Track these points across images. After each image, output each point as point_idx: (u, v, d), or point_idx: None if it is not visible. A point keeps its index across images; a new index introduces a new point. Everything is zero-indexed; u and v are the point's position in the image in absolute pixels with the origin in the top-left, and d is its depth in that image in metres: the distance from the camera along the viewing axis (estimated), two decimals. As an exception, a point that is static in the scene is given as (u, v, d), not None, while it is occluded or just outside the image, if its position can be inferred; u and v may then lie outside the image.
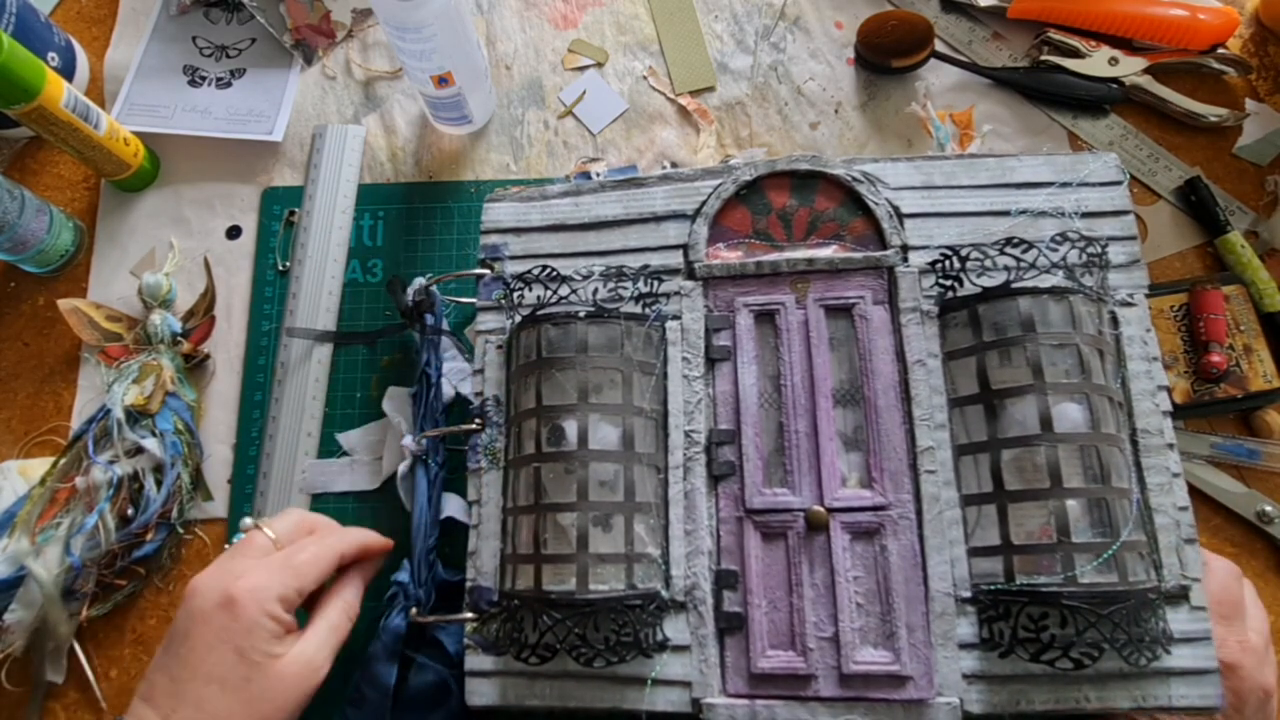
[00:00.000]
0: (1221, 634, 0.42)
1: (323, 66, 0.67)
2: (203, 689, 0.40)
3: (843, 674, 0.42)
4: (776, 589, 0.44)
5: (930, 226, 0.49)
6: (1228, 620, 0.43)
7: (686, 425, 0.47)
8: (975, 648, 0.42)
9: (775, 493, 0.45)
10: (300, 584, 0.44)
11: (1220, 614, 0.43)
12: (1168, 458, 0.44)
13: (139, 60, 0.67)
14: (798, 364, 0.47)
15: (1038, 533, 0.41)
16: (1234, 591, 0.44)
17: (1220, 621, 0.42)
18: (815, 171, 0.50)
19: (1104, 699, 0.40)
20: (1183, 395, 0.54)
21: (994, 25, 0.66)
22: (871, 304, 0.47)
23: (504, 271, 0.52)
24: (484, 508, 0.47)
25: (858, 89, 0.65)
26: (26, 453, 0.59)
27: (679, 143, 0.64)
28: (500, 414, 0.49)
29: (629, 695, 0.43)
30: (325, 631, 0.44)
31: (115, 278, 0.62)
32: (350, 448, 0.57)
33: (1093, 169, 0.49)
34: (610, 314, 0.46)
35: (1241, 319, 0.55)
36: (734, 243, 0.50)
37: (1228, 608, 0.43)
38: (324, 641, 0.43)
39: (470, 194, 0.63)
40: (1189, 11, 0.61)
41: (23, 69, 0.52)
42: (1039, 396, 0.41)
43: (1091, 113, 0.63)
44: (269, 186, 0.64)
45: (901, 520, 0.44)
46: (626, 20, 0.67)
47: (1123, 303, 0.46)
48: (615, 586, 0.43)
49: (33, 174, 0.66)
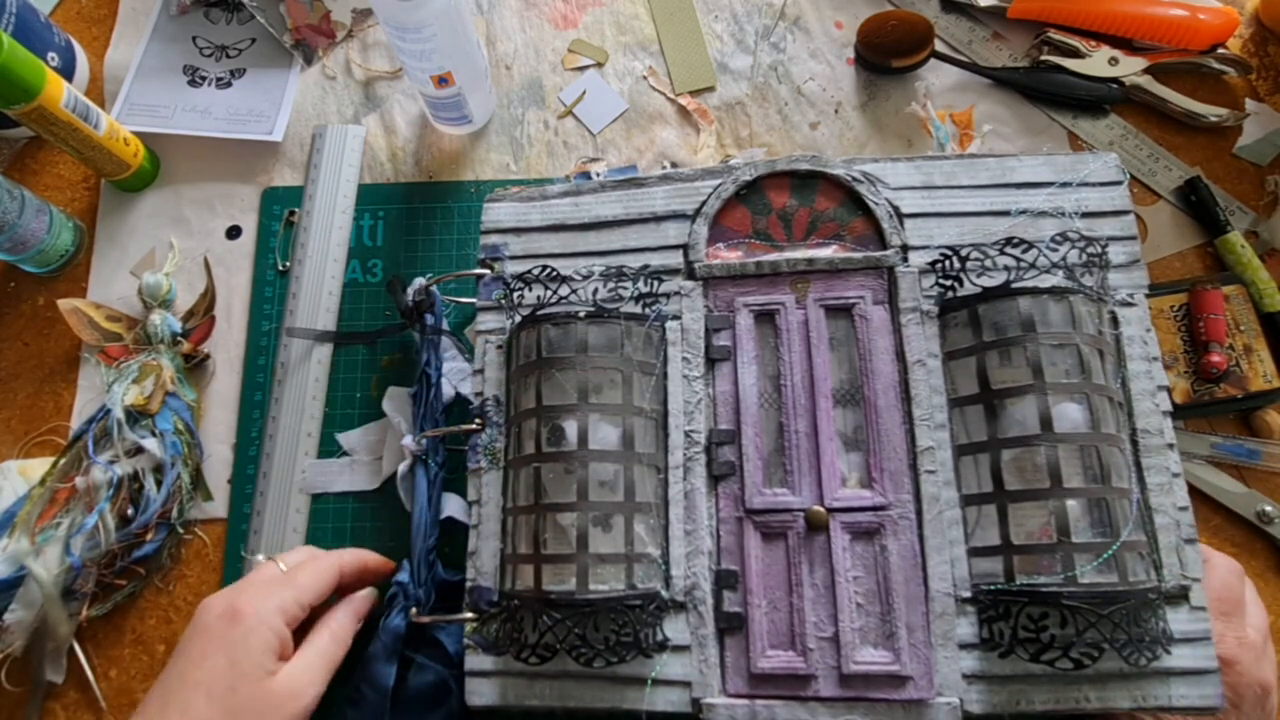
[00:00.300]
0: (1220, 630, 0.42)
1: (323, 66, 0.67)
2: (190, 694, 0.40)
3: (843, 674, 0.42)
4: (776, 589, 0.44)
5: (930, 226, 0.49)
6: (1227, 617, 0.43)
7: (686, 425, 0.47)
8: (975, 648, 0.42)
9: (775, 493, 0.45)
10: (299, 596, 0.44)
11: (1220, 610, 0.43)
12: (1168, 458, 0.44)
13: (139, 60, 0.67)
14: (798, 364, 0.47)
15: (1038, 533, 0.41)
16: (1235, 589, 0.44)
17: (1220, 618, 0.42)
18: (815, 171, 0.50)
19: (1104, 699, 0.40)
20: (1183, 395, 0.54)
21: (994, 25, 0.66)
22: (871, 304, 0.47)
23: (504, 271, 0.52)
24: (484, 508, 0.47)
25: (858, 89, 0.65)
26: (26, 453, 0.59)
27: (679, 143, 0.64)
28: (500, 414, 0.49)
29: (629, 695, 0.43)
30: (312, 655, 0.44)
31: (115, 278, 0.62)
32: (350, 448, 0.57)
33: (1093, 169, 0.49)
34: (610, 314, 0.46)
35: (1241, 319, 0.55)
36: (734, 243, 0.50)
37: (1228, 604, 0.43)
38: (309, 664, 0.44)
39: (470, 194, 0.63)
40: (1189, 11, 0.61)
41: (23, 69, 0.52)
42: (1039, 396, 0.41)
43: (1091, 113, 0.63)
44: (269, 186, 0.64)
45: (901, 520, 0.44)
46: (626, 20, 0.67)
47: (1123, 303, 0.46)
48: (615, 586, 0.43)
49: (33, 174, 0.66)
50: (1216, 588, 0.43)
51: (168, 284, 0.60)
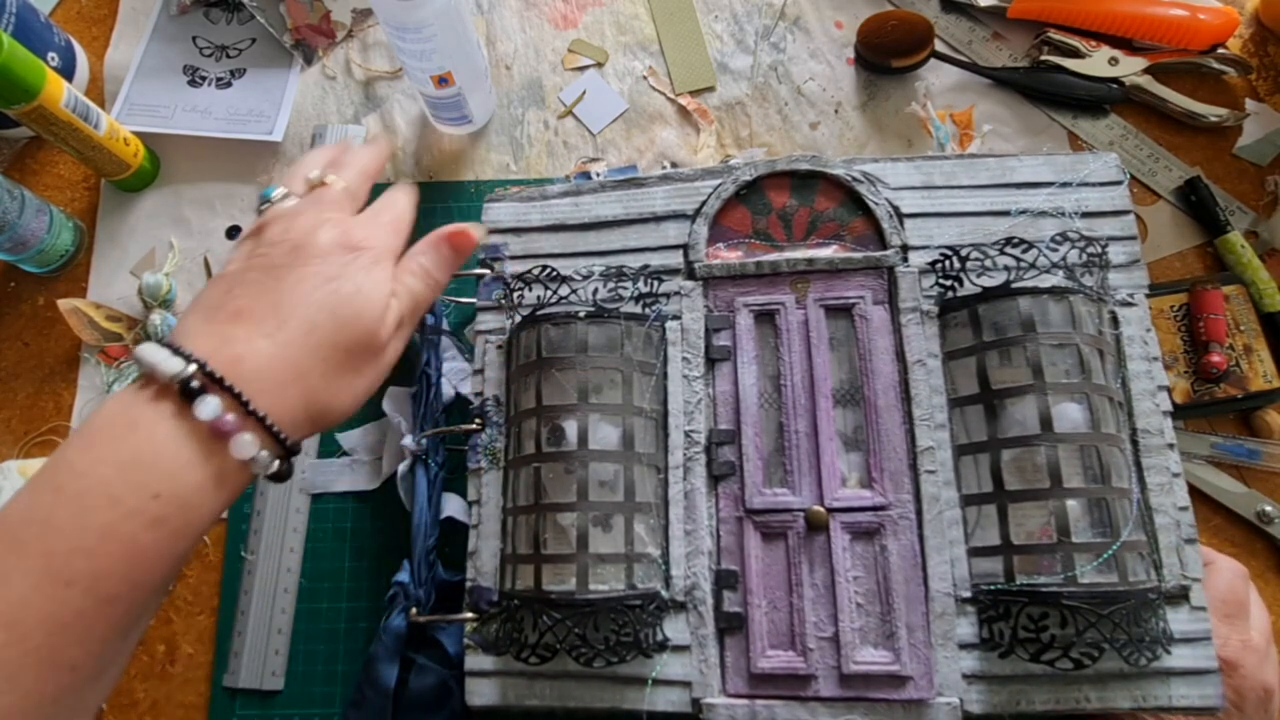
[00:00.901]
0: (1225, 633, 0.42)
1: (323, 66, 0.67)
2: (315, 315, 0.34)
3: (843, 674, 0.42)
4: (776, 589, 0.44)
5: (930, 226, 0.49)
6: (1231, 619, 0.43)
7: (686, 425, 0.47)
8: (975, 648, 0.42)
9: (775, 493, 0.45)
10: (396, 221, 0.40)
11: (1224, 613, 0.43)
12: (1168, 457, 0.44)
13: (139, 60, 0.67)
14: (798, 364, 0.47)
15: (1038, 533, 0.41)
16: (1240, 591, 0.44)
17: (1224, 620, 0.42)
18: (815, 171, 0.50)
19: (1104, 699, 0.40)
20: (1183, 395, 0.54)
21: (994, 25, 0.66)
22: (871, 304, 0.47)
23: (504, 271, 0.52)
24: (484, 508, 0.47)
25: (858, 89, 0.65)
26: (26, 453, 0.59)
27: (679, 143, 0.64)
28: (500, 414, 0.49)
29: (629, 695, 0.43)
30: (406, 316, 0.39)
31: (115, 278, 0.62)
32: (350, 448, 0.57)
33: (1093, 169, 0.49)
34: (610, 314, 0.46)
35: (1241, 319, 0.55)
36: (734, 243, 0.50)
37: (1232, 606, 0.43)
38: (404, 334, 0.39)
39: (470, 194, 0.63)
40: (1189, 11, 0.61)
41: (23, 69, 0.52)
42: (1039, 396, 0.41)
43: (1091, 113, 0.63)
44: (269, 186, 0.64)
45: (901, 520, 0.44)
46: (626, 20, 0.67)
47: (1123, 302, 0.46)
48: (615, 586, 0.43)
49: (33, 174, 0.66)
50: (1221, 590, 0.43)
51: (168, 284, 0.60)
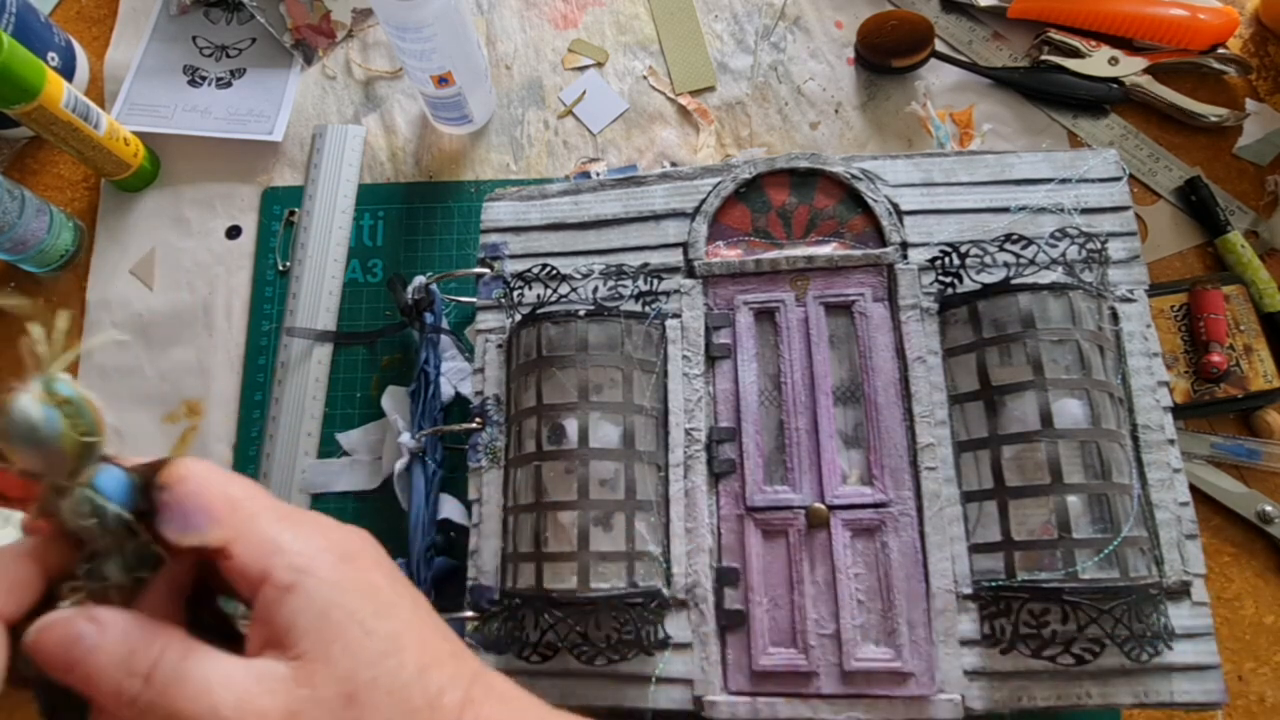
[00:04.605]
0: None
1: (323, 66, 0.67)
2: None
3: (844, 671, 0.42)
4: (777, 586, 0.44)
5: (930, 223, 0.49)
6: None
7: (687, 423, 0.47)
8: (977, 644, 0.42)
9: (776, 490, 0.45)
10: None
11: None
12: (1168, 453, 0.44)
13: (139, 60, 0.67)
14: (798, 361, 0.47)
15: (1039, 529, 0.41)
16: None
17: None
18: (814, 169, 0.50)
19: (1106, 695, 0.40)
20: (1183, 395, 0.54)
21: (994, 25, 0.66)
22: (871, 301, 0.47)
23: (504, 270, 0.52)
24: (485, 506, 0.47)
25: (858, 89, 0.65)
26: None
27: (679, 142, 0.64)
28: (500, 413, 0.49)
29: (630, 693, 0.43)
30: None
31: (115, 278, 0.62)
32: (350, 447, 0.57)
33: (1092, 165, 0.49)
34: (610, 312, 0.46)
35: (1241, 319, 0.55)
36: (734, 241, 0.50)
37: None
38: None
39: (470, 194, 0.63)
40: (1189, 11, 0.61)
41: (23, 69, 0.52)
42: (1039, 392, 0.41)
43: (1091, 113, 0.63)
44: (269, 186, 0.64)
45: (902, 517, 0.44)
46: (626, 20, 0.67)
47: (1123, 298, 0.46)
48: (616, 584, 0.43)
49: (33, 174, 0.66)
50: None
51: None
